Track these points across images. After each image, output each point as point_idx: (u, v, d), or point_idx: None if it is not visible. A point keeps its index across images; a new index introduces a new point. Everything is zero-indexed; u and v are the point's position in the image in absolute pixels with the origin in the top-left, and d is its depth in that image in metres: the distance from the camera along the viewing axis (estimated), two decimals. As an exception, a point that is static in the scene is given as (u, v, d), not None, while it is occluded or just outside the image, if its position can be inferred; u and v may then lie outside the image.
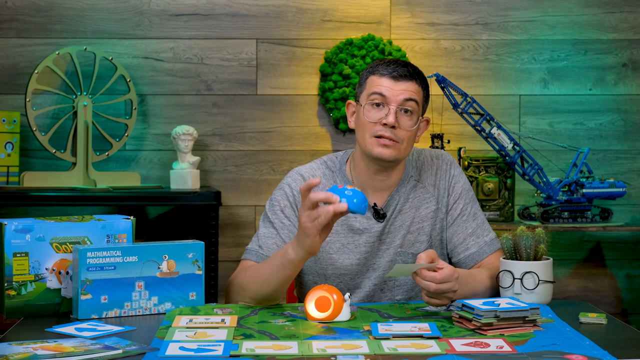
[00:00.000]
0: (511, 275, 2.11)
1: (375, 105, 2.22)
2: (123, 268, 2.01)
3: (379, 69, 2.24)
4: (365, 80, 2.28)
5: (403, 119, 2.22)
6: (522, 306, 1.91)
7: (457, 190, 2.36)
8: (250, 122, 3.70)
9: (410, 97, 2.22)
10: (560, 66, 3.76)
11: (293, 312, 2.07)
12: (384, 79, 2.23)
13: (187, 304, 2.08)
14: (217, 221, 3.39)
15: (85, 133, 3.46)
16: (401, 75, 2.22)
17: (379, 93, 2.22)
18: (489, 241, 2.34)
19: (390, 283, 2.31)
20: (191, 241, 2.10)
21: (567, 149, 3.65)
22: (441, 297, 2.03)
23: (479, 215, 2.37)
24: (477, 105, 3.46)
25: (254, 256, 2.27)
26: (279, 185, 2.35)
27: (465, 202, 2.36)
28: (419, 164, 2.37)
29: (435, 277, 2.00)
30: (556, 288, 2.32)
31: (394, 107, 2.21)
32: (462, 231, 2.33)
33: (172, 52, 3.68)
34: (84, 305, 1.98)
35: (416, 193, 2.34)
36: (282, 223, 2.28)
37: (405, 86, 2.22)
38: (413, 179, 2.35)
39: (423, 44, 3.73)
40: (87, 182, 3.44)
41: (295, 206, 2.29)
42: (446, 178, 2.36)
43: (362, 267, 2.31)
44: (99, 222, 2.09)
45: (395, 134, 2.21)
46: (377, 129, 2.22)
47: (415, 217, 2.32)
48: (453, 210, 2.35)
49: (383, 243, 2.31)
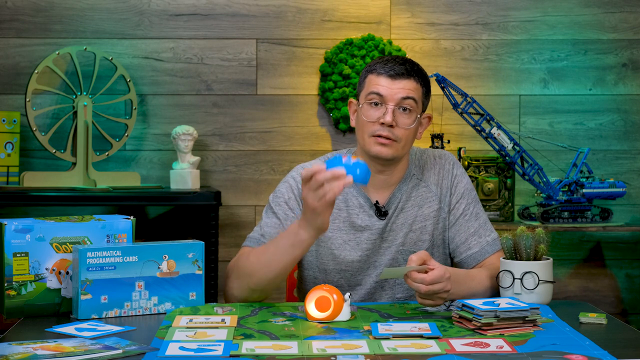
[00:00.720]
0: (511, 275, 2.11)
1: (374, 104, 2.23)
2: (123, 268, 2.01)
3: (377, 68, 2.25)
4: (364, 79, 2.28)
5: (401, 117, 2.22)
6: (522, 306, 1.91)
7: (460, 189, 2.37)
8: (250, 122, 3.70)
9: (407, 95, 2.22)
10: (560, 66, 3.76)
11: (293, 312, 2.07)
12: (382, 77, 2.23)
13: (187, 304, 2.08)
14: (217, 221, 3.39)
15: (85, 133, 3.46)
16: (398, 74, 2.22)
17: (376, 93, 2.23)
18: (491, 241, 2.34)
19: (391, 281, 2.32)
20: (191, 241, 2.10)
21: (567, 149, 3.65)
22: (434, 297, 2.04)
23: (482, 215, 2.37)
24: (477, 105, 3.46)
25: (256, 244, 2.27)
26: (284, 179, 2.36)
27: (468, 201, 2.36)
28: (422, 162, 2.38)
29: (425, 279, 2.01)
30: (556, 288, 2.33)
31: (391, 106, 2.21)
32: (464, 231, 2.34)
33: (172, 52, 3.68)
34: (84, 305, 1.98)
35: (419, 192, 2.34)
36: (286, 214, 2.28)
37: (402, 84, 2.22)
38: (415, 177, 2.35)
39: (423, 44, 3.73)
40: (87, 182, 3.44)
41: (299, 199, 2.30)
42: (449, 178, 2.37)
43: (364, 264, 2.31)
44: (99, 222, 2.09)
45: (393, 133, 2.22)
46: (375, 129, 2.23)
47: (417, 216, 2.33)
48: (455, 210, 2.35)
49: (385, 241, 2.31)
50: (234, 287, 2.19)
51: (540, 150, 3.65)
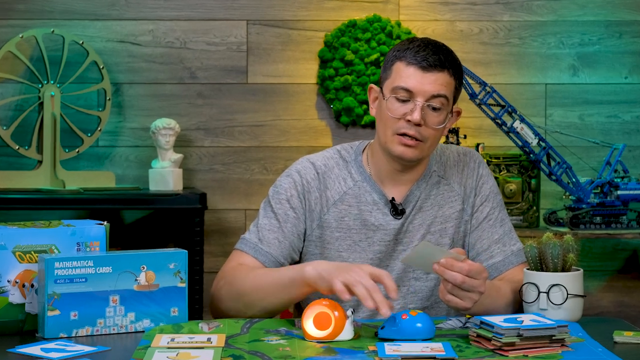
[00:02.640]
0: (536, 289, 2.12)
1: (400, 99, 2.23)
2: (95, 280, 2.01)
3: (407, 56, 2.23)
4: (390, 65, 2.27)
5: (430, 116, 2.22)
6: (548, 323, 1.91)
7: (485, 191, 2.37)
8: (240, 114, 3.70)
9: (439, 92, 2.22)
10: (591, 51, 3.76)
11: (289, 329, 2.07)
12: (412, 68, 2.22)
13: (168, 321, 2.08)
14: (202, 227, 3.39)
15: (52, 127, 3.46)
16: (431, 65, 2.21)
17: (404, 88, 2.22)
18: (515, 251, 2.34)
19: (403, 289, 2.32)
20: (173, 250, 2.10)
21: (599, 145, 3.66)
22: (464, 296, 2.03)
23: (507, 222, 2.39)
24: (498, 96, 3.46)
25: (252, 250, 2.27)
26: (286, 171, 2.35)
27: (493, 205, 2.37)
28: (444, 159, 2.38)
29: (463, 267, 2.01)
30: (587, 303, 2.33)
31: (420, 103, 2.21)
32: (488, 237, 2.35)
33: (151, 35, 3.68)
34: (51, 323, 1.98)
35: (439, 190, 2.35)
36: (287, 215, 2.29)
37: (434, 78, 2.22)
38: (436, 174, 2.36)
39: (436, 26, 3.73)
40: (54, 183, 3.44)
41: (303, 196, 2.31)
42: (474, 177, 2.38)
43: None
44: (68, 228, 2.09)
45: (420, 133, 2.22)
46: (400, 126, 2.22)
47: (437, 217, 2.33)
48: (479, 213, 2.36)
49: (400, 243, 2.31)
50: (222, 298, 2.19)
51: (569, 146, 3.65)
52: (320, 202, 2.31)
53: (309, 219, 2.31)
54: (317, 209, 2.31)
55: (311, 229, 2.31)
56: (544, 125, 3.72)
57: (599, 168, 3.61)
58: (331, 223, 2.31)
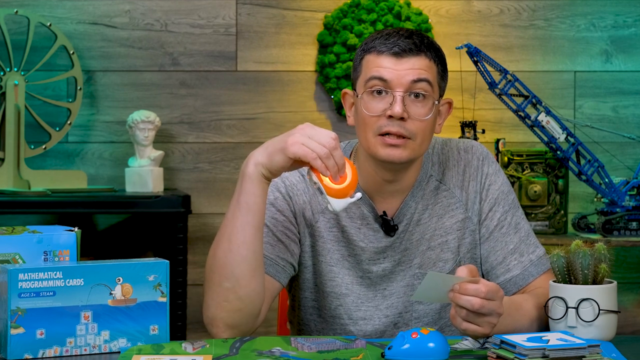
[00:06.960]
0: (564, 304, 2.12)
1: (376, 93, 2.21)
2: (65, 294, 2.01)
3: (376, 45, 2.23)
4: (359, 61, 2.26)
5: (413, 107, 2.20)
6: (577, 343, 1.91)
7: (493, 194, 2.35)
8: (228, 106, 3.71)
9: (419, 77, 2.20)
10: (626, 34, 3.76)
11: (284, 349, 2.07)
12: (383, 57, 2.21)
13: (147, 340, 2.09)
14: (185, 234, 3.39)
15: (15, 120, 3.47)
16: (405, 50, 2.21)
17: (378, 77, 2.20)
18: (535, 260, 2.33)
19: (406, 315, 2.31)
20: (152, 260, 2.11)
21: (635, 141, 3.66)
22: (483, 322, 2.02)
23: (523, 226, 2.36)
24: (520, 85, 3.46)
25: None
26: None
27: (504, 209, 2.35)
28: (442, 158, 2.36)
29: (480, 290, 1.98)
30: (621, 319, 2.33)
31: (400, 93, 2.19)
32: (501, 247, 2.33)
33: (127, 16, 3.68)
34: (14, 342, 1.98)
35: (438, 198, 2.33)
36: (274, 219, 2.27)
37: (411, 63, 2.21)
38: (434, 179, 2.34)
39: (450, 6, 3.74)
40: (18, 184, 3.44)
41: (289, 197, 2.29)
42: (477, 178, 2.35)
43: (369, 291, 2.31)
44: (34, 235, 2.09)
45: (405, 128, 2.19)
46: (380, 124, 2.20)
47: (437, 229, 2.32)
48: (488, 221, 2.34)
49: (400, 263, 2.31)
50: (208, 300, 2.17)
51: (601, 142, 3.66)
52: (310, 207, 2.29)
53: (301, 224, 2.29)
54: (307, 214, 2.29)
55: (304, 235, 2.30)
56: (573, 119, 3.72)
57: (635, 167, 3.61)
58: (322, 233, 2.29)
